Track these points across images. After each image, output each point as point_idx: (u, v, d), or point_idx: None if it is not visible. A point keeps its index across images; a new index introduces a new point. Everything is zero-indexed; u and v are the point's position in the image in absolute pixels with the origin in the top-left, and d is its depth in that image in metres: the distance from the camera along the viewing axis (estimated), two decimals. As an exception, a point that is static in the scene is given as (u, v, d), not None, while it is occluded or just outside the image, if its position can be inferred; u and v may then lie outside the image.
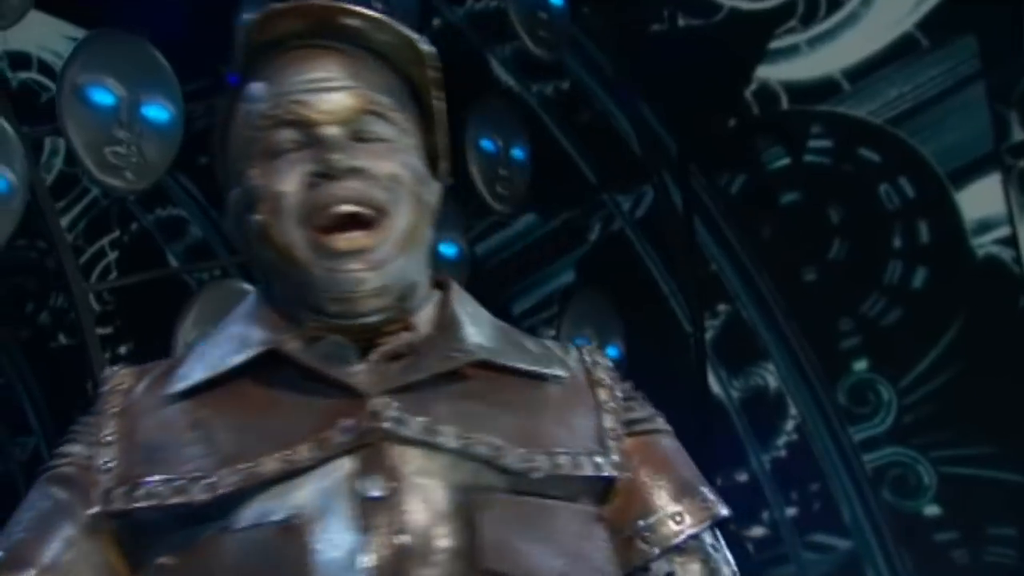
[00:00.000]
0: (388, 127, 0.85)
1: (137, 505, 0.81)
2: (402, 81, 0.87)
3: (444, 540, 0.78)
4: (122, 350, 3.38)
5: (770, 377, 3.53)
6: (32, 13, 2.83)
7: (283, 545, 0.77)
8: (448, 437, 0.80)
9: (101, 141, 2.41)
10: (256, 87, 0.85)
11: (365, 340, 0.84)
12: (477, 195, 2.93)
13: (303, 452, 0.79)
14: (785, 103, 3.56)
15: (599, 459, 0.86)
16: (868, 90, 3.45)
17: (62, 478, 0.83)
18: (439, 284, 0.91)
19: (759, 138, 3.58)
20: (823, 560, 3.49)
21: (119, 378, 0.87)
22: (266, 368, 0.83)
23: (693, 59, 3.43)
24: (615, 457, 0.87)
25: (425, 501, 0.78)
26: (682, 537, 0.89)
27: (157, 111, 2.48)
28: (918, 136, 3.42)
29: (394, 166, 0.84)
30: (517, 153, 3.02)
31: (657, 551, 0.88)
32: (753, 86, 3.56)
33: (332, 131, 0.83)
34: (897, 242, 3.44)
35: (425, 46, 0.87)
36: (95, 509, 0.82)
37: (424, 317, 0.87)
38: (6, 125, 2.31)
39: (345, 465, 0.79)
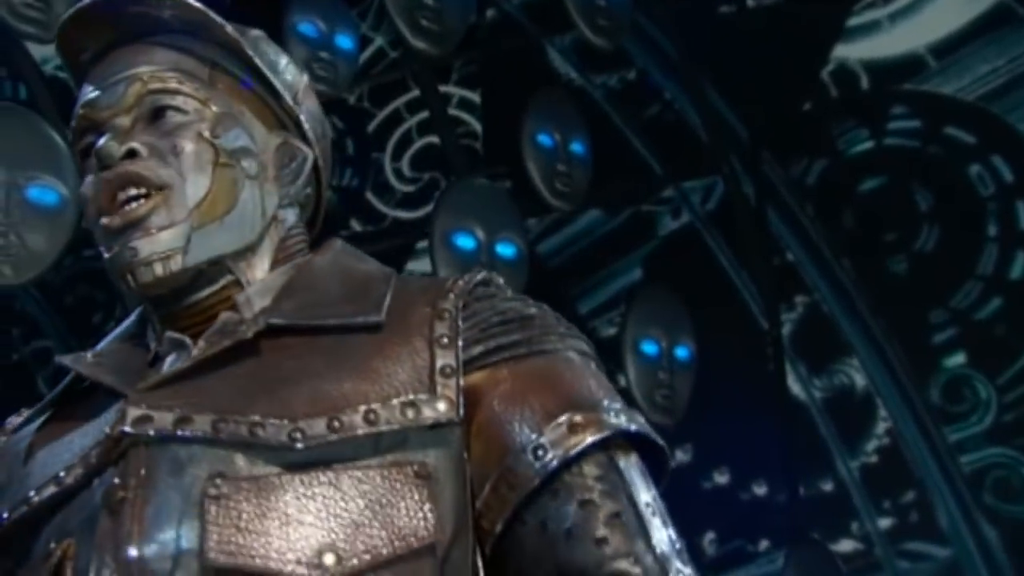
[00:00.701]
0: (179, 100, 0.82)
1: None
2: (229, 58, 0.84)
3: (175, 543, 0.72)
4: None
5: (856, 375, 3.37)
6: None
7: (46, 574, 0.74)
8: (201, 426, 0.74)
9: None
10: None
11: (197, 328, 0.80)
12: (535, 192, 2.85)
13: (75, 472, 0.77)
14: (865, 83, 3.40)
15: (420, 403, 0.75)
16: (957, 66, 3.26)
17: None
18: (317, 246, 0.86)
19: (838, 121, 3.42)
20: (919, 570, 3.32)
21: (14, 416, 0.87)
22: (90, 388, 0.81)
23: (764, 40, 3.29)
24: (447, 396, 0.75)
25: (164, 503, 0.73)
26: (545, 471, 0.74)
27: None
28: (1015, 113, 3.23)
29: (178, 140, 0.81)
30: (577, 147, 2.94)
31: (515, 497, 0.74)
32: (830, 66, 3.41)
33: (118, 122, 0.82)
34: (992, 228, 3.25)
35: (213, 14, 0.83)
36: None
37: (263, 289, 0.81)
38: (56, 137, 2.33)
39: (109, 478, 0.75)
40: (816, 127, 3.41)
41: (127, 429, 0.74)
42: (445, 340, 0.77)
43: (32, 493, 0.77)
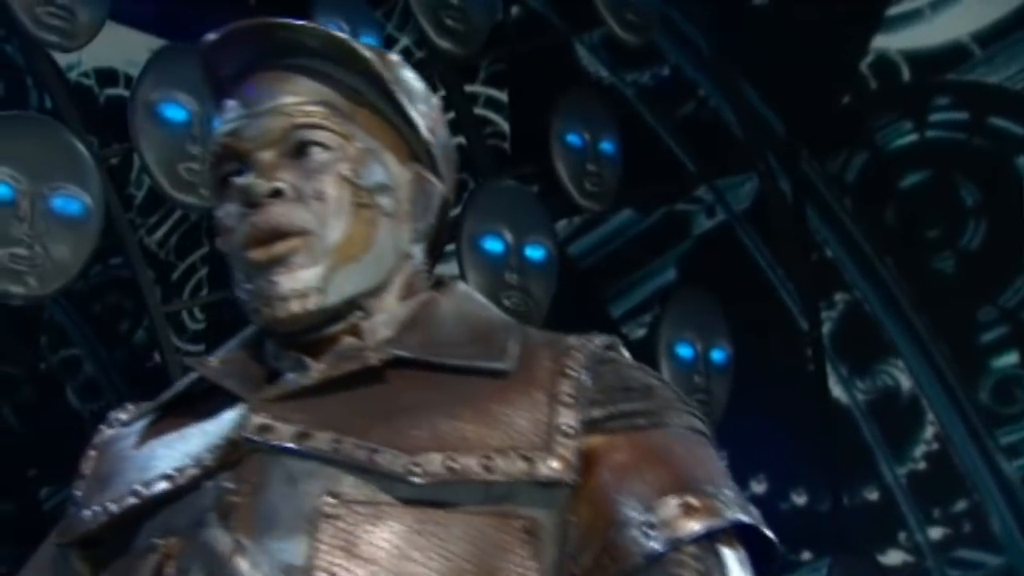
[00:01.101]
0: (325, 135, 0.84)
1: (61, 541, 0.83)
2: (367, 85, 0.86)
3: (282, 555, 0.72)
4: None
5: (901, 376, 3.28)
6: (115, 28, 2.88)
7: (147, 570, 0.76)
8: (320, 443, 0.76)
9: (175, 157, 2.42)
10: (214, 123, 0.89)
11: (317, 348, 0.83)
12: (564, 193, 2.81)
13: (189, 471, 0.79)
14: (907, 74, 3.31)
15: (537, 459, 0.76)
16: (1003, 54, 3.16)
17: (60, 517, 0.88)
18: (441, 285, 0.88)
19: (878, 114, 3.34)
20: (971, 578, 3.22)
21: (120, 411, 0.90)
22: (209, 391, 0.84)
23: (800, 31, 3.22)
24: (564, 456, 0.76)
25: (274, 514, 0.74)
26: (651, 551, 0.74)
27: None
28: (1065, 103, 3.13)
29: (322, 183, 0.83)
30: (606, 146, 2.90)
31: (616, 571, 0.74)
32: (870, 57, 3.32)
33: (262, 156, 0.84)
34: (1043, 222, 3.14)
35: (358, 45, 0.86)
36: (53, 541, 0.85)
37: (387, 320, 0.84)
38: (80, 146, 2.34)
39: (221, 481, 0.77)
40: (855, 120, 3.33)
41: (249, 436, 0.76)
42: (567, 399, 0.79)
43: (140, 487, 0.79)
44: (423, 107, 0.87)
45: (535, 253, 2.75)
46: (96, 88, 3.38)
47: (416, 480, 0.74)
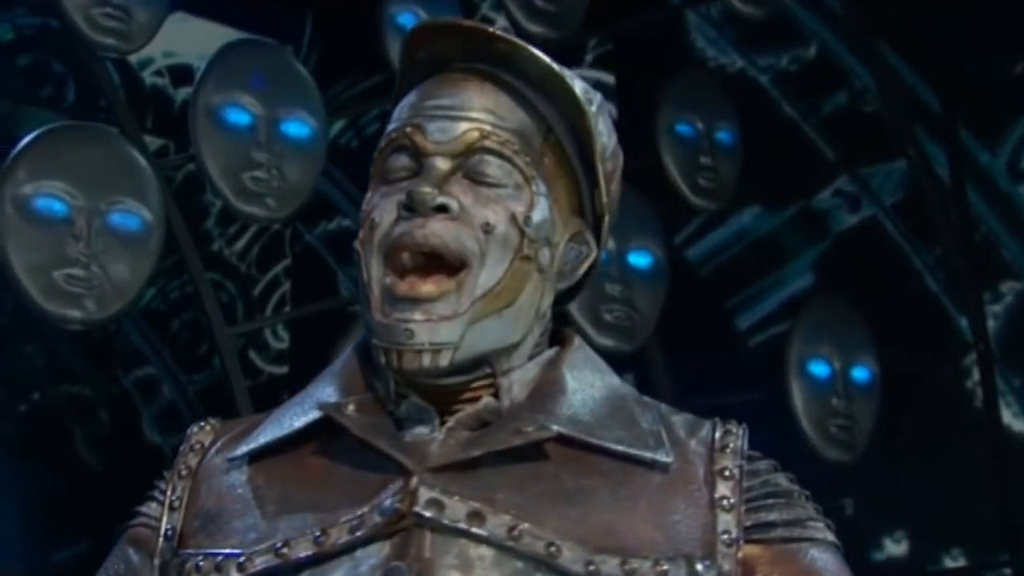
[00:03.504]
0: (507, 169, 0.83)
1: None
2: (562, 125, 0.85)
3: None
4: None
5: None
6: (189, 21, 2.86)
7: None
8: (496, 527, 0.77)
9: (239, 166, 2.37)
10: (398, 107, 0.87)
11: (447, 404, 0.83)
12: (674, 190, 2.62)
13: (336, 534, 0.78)
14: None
15: (699, 569, 0.79)
16: None
17: (137, 539, 0.87)
18: (562, 339, 0.88)
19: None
20: None
21: (199, 435, 0.89)
22: (332, 432, 0.83)
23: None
24: (726, 568, 0.80)
25: None
26: None
27: (298, 127, 2.41)
28: None
29: (493, 213, 0.82)
30: (723, 136, 2.70)
31: None
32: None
33: (438, 163, 0.82)
34: None
35: (580, 90, 0.84)
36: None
37: (520, 380, 0.84)
38: (138, 157, 2.31)
39: (379, 551, 0.77)
40: (1025, 93, 2.99)
41: (421, 512, 0.76)
42: (727, 504, 0.81)
43: (281, 544, 0.79)
44: (610, 165, 0.86)
45: (640, 260, 2.58)
46: (171, 88, 3.38)
47: None
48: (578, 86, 0.83)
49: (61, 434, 3.31)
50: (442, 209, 0.80)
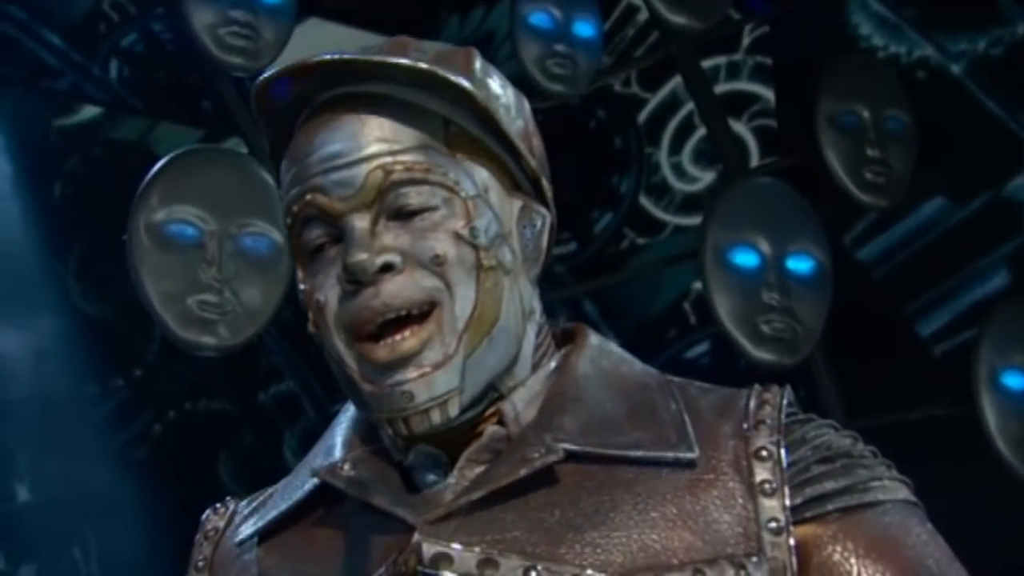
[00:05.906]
0: (426, 190, 0.78)
1: None
2: (456, 109, 0.81)
3: None
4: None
5: None
6: (321, 25, 2.93)
7: None
8: (510, 571, 0.74)
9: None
10: (283, 173, 0.82)
11: (458, 443, 0.80)
12: (839, 187, 2.50)
13: None
14: None
15: (749, 565, 0.75)
16: None
17: None
18: (572, 336, 0.85)
19: None
20: None
21: (214, 520, 0.90)
22: (335, 496, 0.82)
23: None
24: (778, 558, 0.75)
25: None
26: None
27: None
28: None
29: (437, 243, 0.78)
30: (893, 124, 2.55)
31: None
32: None
33: (356, 221, 0.78)
34: None
35: (452, 73, 0.79)
36: None
37: (526, 397, 0.82)
38: (268, 177, 2.39)
39: None
40: None
41: (427, 570, 0.75)
42: (768, 488, 0.77)
43: None
44: (519, 122, 0.82)
45: (800, 265, 2.47)
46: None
47: None
48: (448, 70, 0.78)
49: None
50: (386, 268, 0.76)
